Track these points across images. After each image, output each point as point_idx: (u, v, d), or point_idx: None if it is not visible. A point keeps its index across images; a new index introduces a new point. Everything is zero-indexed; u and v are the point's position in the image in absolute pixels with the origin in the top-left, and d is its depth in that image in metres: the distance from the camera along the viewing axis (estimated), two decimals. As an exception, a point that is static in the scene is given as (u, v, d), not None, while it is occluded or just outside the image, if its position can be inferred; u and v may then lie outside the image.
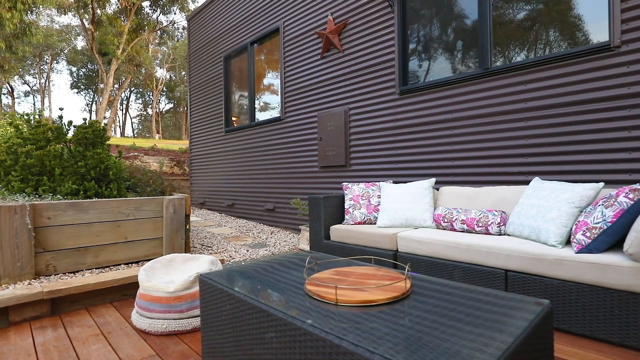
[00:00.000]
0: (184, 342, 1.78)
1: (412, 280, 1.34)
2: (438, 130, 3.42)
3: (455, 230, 2.63)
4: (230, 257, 3.56)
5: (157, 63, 37.04)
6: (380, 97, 3.91)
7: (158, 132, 39.23)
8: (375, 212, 3.07)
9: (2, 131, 4.53)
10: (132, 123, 47.83)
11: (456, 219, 2.61)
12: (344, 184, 3.31)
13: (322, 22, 4.58)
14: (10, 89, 35.25)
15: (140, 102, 45.79)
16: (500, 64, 3.08)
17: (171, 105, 44.32)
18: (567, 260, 1.80)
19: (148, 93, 42.39)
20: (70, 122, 3.38)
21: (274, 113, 5.58)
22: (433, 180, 3.01)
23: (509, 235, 2.39)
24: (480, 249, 2.13)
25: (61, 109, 3.42)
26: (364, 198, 3.14)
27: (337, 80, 4.39)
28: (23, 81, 37.32)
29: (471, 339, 0.86)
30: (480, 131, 3.13)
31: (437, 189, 3.22)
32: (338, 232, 3.01)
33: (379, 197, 3.14)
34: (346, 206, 3.16)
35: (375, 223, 3.07)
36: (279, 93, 5.32)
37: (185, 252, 3.37)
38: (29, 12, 16.19)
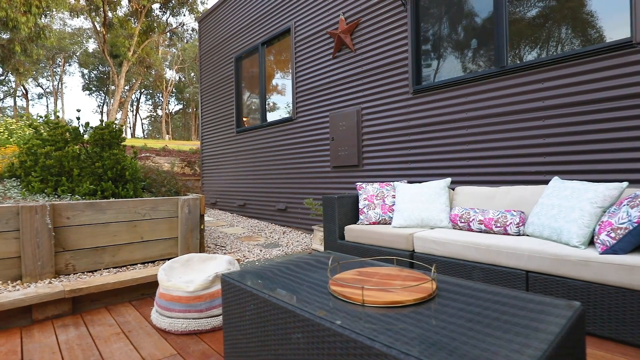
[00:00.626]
0: (204, 342, 1.79)
1: (437, 282, 1.32)
2: (453, 130, 3.38)
3: (472, 230, 2.60)
4: (244, 256, 3.57)
5: (166, 65, 37.42)
6: (393, 97, 3.89)
7: (168, 133, 39.64)
8: (390, 212, 3.06)
9: (20, 132, 4.62)
10: (142, 124, 48.42)
11: (473, 219, 2.58)
12: (357, 184, 3.30)
13: (333, 22, 4.57)
14: (24, 92, 35.96)
15: (150, 103, 46.32)
16: (517, 62, 3.04)
17: (180, 107, 44.75)
18: (592, 261, 1.77)
19: (158, 94, 42.86)
20: (87, 124, 3.43)
21: (286, 113, 5.59)
22: (449, 180, 2.98)
23: (528, 235, 2.36)
24: (500, 250, 2.11)
25: (78, 110, 3.47)
26: (378, 198, 3.12)
27: (349, 80, 4.38)
28: (37, 84, 38.04)
29: (502, 345, 0.84)
30: (496, 130, 3.09)
31: (453, 189, 3.19)
32: (352, 232, 3.00)
33: (394, 197, 3.12)
34: (360, 206, 3.15)
35: (390, 223, 3.05)
36: (291, 93, 5.33)
37: (200, 252, 3.39)
38: (43, 16, 16.50)
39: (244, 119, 6.56)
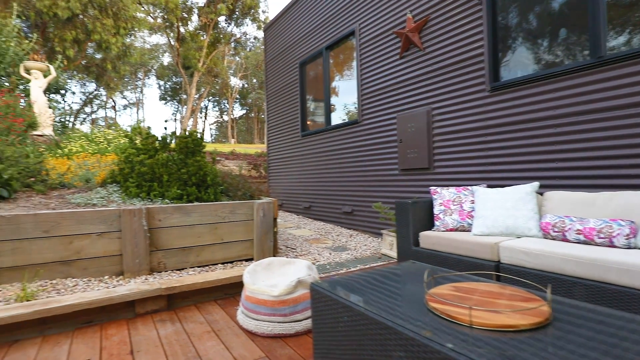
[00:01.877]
0: (289, 346, 1.84)
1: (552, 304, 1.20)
2: (538, 129, 3.09)
3: (568, 241, 2.34)
4: (315, 259, 3.63)
5: (231, 72, 39.67)
6: (467, 95, 3.67)
7: (233, 137, 41.99)
8: (468, 218, 2.88)
9: (116, 142, 5.19)
10: (209, 129, 51.93)
11: (570, 229, 2.33)
12: (431, 188, 3.17)
13: (400, 22, 4.46)
14: (113, 104, 40.65)
15: (217, 109, 49.46)
16: (618, 51, 2.68)
17: (244, 112, 47.13)
18: None
19: (223, 101, 45.61)
20: (173, 133, 3.74)
21: (346, 115, 5.58)
22: (536, 184, 2.73)
23: (641, 249, 2.06)
24: (608, 265, 1.86)
25: (166, 121, 3.83)
26: (455, 203, 2.97)
27: (417, 80, 4.23)
28: (122, 96, 42.71)
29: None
30: (592, 128, 2.76)
31: (541, 194, 2.91)
32: (428, 239, 2.88)
33: (472, 203, 2.94)
34: (435, 212, 3.02)
35: (469, 230, 2.88)
36: (356, 96, 5.31)
37: (273, 254, 3.51)
38: (128, 36, 18.48)
39: (309, 123, 6.68)
